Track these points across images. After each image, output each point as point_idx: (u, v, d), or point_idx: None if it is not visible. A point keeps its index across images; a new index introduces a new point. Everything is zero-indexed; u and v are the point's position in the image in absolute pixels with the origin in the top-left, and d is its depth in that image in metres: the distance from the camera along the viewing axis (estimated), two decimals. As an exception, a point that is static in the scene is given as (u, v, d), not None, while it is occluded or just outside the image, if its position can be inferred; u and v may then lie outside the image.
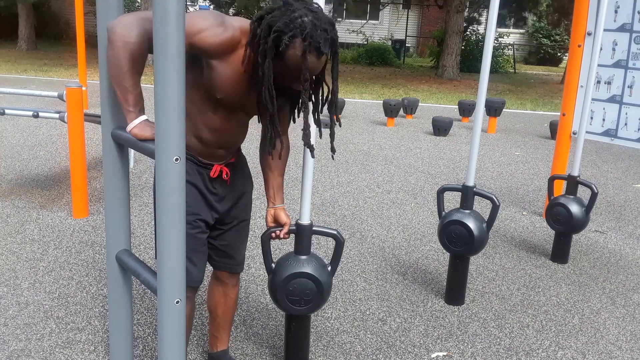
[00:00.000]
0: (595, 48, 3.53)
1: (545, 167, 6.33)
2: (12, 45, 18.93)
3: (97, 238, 3.64)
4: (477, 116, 2.84)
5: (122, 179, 1.70)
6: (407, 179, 5.54)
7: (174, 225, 1.29)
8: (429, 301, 3.06)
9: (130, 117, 1.54)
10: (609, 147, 7.52)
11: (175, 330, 1.35)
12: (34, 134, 6.57)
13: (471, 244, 2.85)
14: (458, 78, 16.31)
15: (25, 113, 4.10)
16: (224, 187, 2.03)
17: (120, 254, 1.71)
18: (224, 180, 2.02)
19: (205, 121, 1.85)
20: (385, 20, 24.96)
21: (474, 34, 20.53)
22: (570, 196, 3.61)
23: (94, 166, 5.32)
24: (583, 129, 3.64)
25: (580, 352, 2.65)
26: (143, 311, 2.78)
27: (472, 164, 2.88)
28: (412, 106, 9.11)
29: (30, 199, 4.33)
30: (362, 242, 3.84)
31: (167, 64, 1.19)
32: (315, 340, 2.61)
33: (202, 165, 1.95)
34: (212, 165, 1.96)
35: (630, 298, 3.23)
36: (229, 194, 2.05)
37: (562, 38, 23.58)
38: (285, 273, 2.08)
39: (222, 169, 1.98)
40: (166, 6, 1.16)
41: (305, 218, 2.07)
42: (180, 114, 1.23)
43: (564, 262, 3.67)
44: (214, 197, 1.99)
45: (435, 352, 2.58)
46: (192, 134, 1.89)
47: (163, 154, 1.24)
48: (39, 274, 3.12)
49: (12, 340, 2.48)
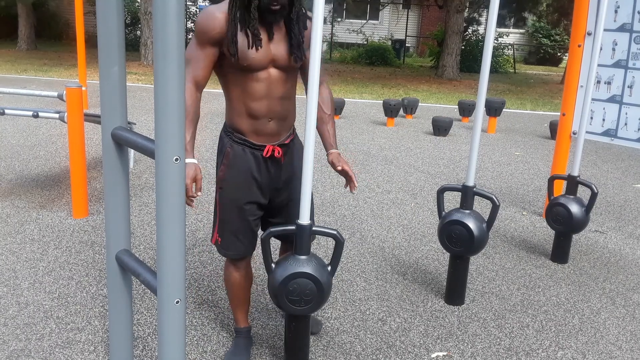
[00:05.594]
0: (595, 48, 3.53)
1: (545, 167, 6.33)
2: (12, 45, 18.93)
3: (97, 238, 3.64)
4: (477, 116, 2.84)
5: (122, 179, 1.70)
6: (407, 179, 5.54)
7: (174, 225, 1.29)
8: (429, 301, 3.06)
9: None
10: (609, 147, 7.52)
11: (175, 330, 1.35)
12: (34, 134, 6.57)
13: (471, 244, 2.85)
14: (458, 78, 16.31)
15: (25, 113, 4.10)
16: (278, 166, 2.19)
17: (120, 254, 1.71)
18: (278, 160, 2.19)
19: (250, 93, 2.05)
20: (385, 20, 24.96)
21: (474, 34, 20.53)
22: (570, 196, 3.61)
23: (94, 166, 5.32)
24: (583, 129, 3.64)
25: (580, 352, 2.65)
26: (143, 311, 2.78)
27: (472, 164, 2.88)
28: (412, 106, 9.11)
29: (30, 199, 4.33)
30: (362, 242, 3.84)
31: (167, 64, 1.19)
32: (315, 340, 2.61)
33: (255, 148, 2.14)
34: (265, 146, 2.13)
35: (630, 298, 3.23)
36: (283, 173, 2.22)
37: (562, 38, 23.58)
38: (285, 273, 2.08)
39: (275, 149, 2.15)
40: (166, 6, 1.16)
41: (305, 218, 2.07)
42: (180, 114, 1.23)
43: (564, 262, 3.67)
44: (267, 177, 2.18)
45: (435, 352, 2.58)
46: (242, 116, 2.09)
47: (163, 154, 1.24)
48: (39, 274, 3.12)
49: (12, 340, 2.48)
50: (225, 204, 2.20)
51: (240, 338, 2.48)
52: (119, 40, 1.57)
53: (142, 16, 15.46)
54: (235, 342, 2.47)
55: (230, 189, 2.17)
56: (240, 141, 2.14)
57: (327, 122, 2.25)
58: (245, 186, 2.16)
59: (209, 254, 3.51)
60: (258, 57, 1.99)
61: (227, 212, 2.20)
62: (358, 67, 18.55)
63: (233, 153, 2.16)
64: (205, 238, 3.75)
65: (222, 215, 2.21)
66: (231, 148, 2.16)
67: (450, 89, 13.84)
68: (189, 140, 1.98)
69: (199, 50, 2.02)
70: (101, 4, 1.57)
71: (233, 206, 2.18)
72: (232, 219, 2.19)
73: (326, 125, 2.24)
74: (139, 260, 1.65)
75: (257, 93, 2.05)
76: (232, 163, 2.16)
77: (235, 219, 2.18)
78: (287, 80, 2.11)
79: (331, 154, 2.21)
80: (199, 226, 3.96)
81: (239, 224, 2.19)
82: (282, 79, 2.08)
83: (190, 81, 2.02)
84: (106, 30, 1.56)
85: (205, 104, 9.44)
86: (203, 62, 2.03)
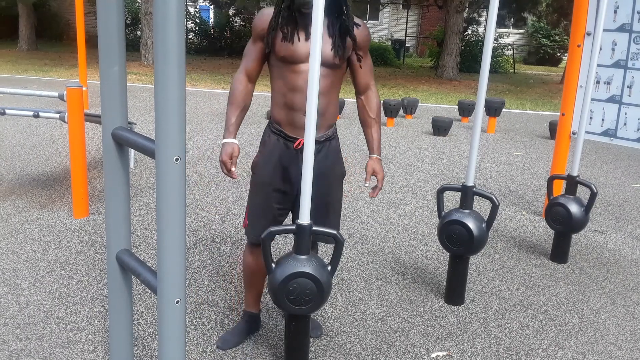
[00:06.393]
0: (595, 48, 3.54)
1: (545, 167, 6.34)
2: (12, 45, 18.94)
3: (97, 238, 3.64)
4: (477, 116, 2.84)
5: (122, 179, 1.70)
6: (407, 178, 5.54)
7: (174, 225, 1.29)
8: (428, 301, 3.06)
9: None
10: (609, 147, 7.53)
11: (175, 330, 1.35)
12: (35, 134, 6.58)
13: (471, 243, 2.86)
14: (458, 78, 16.31)
15: (25, 113, 4.10)
16: None
17: (121, 253, 1.71)
18: None
19: (288, 85, 2.18)
20: (385, 21, 24.96)
21: (474, 34, 20.53)
22: (569, 196, 3.61)
23: (94, 166, 5.32)
24: (582, 129, 3.64)
25: (580, 352, 2.65)
26: (143, 311, 2.79)
27: (472, 163, 2.88)
28: (412, 106, 9.12)
29: (31, 198, 4.33)
30: (362, 242, 3.84)
31: (167, 64, 1.20)
32: (315, 340, 2.61)
33: (288, 139, 2.26)
34: (298, 138, 2.24)
35: (629, 298, 3.23)
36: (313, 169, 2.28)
37: (561, 38, 23.58)
38: (285, 273, 2.08)
39: None
40: (166, 6, 1.17)
41: (305, 218, 2.07)
42: (180, 114, 1.23)
43: (563, 262, 3.67)
44: (296, 170, 2.27)
45: (435, 352, 2.59)
46: (280, 107, 2.24)
47: (163, 154, 1.24)
48: (39, 273, 3.12)
49: (12, 340, 2.49)
50: (254, 189, 2.36)
51: (242, 321, 2.58)
52: (119, 40, 1.58)
53: (143, 16, 15.47)
54: (236, 325, 2.59)
55: (260, 174, 2.32)
56: (276, 131, 2.29)
57: (371, 125, 2.39)
58: (275, 173, 2.29)
59: (209, 254, 3.51)
60: (294, 50, 2.14)
61: (256, 197, 2.36)
62: (358, 67, 18.52)
63: (269, 141, 2.32)
64: (205, 238, 3.75)
65: (251, 199, 2.37)
66: (268, 137, 2.33)
67: (450, 89, 13.85)
68: (232, 122, 2.25)
69: (251, 45, 2.26)
70: (101, 4, 1.58)
71: (261, 191, 2.33)
72: (259, 203, 2.35)
73: (370, 129, 2.39)
74: (139, 260, 1.65)
75: (295, 85, 2.18)
76: (267, 150, 2.32)
77: (262, 203, 2.33)
78: (327, 77, 2.21)
79: (371, 159, 2.37)
80: (199, 226, 3.96)
81: (264, 208, 2.33)
82: (321, 74, 2.17)
83: (241, 72, 2.28)
84: (106, 30, 1.57)
85: (205, 104, 9.45)
86: (254, 55, 2.26)
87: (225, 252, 3.55)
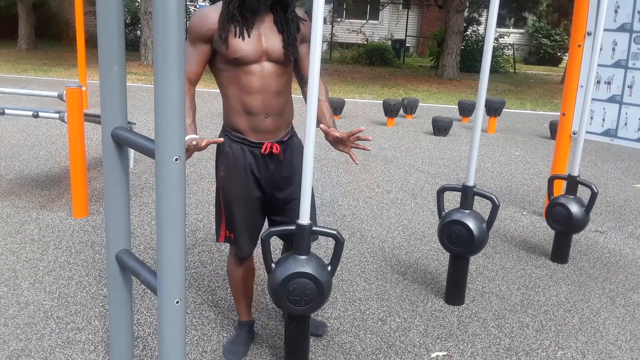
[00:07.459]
0: (595, 48, 3.53)
1: (545, 167, 6.33)
2: (12, 45, 18.93)
3: (97, 238, 3.64)
4: (477, 116, 2.84)
5: (122, 178, 1.70)
6: (407, 179, 5.54)
7: (174, 225, 1.29)
8: (428, 301, 3.06)
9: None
10: (609, 147, 7.52)
11: (175, 330, 1.35)
12: (34, 134, 6.57)
13: (471, 243, 2.85)
14: (458, 78, 16.31)
15: (25, 113, 4.10)
16: (278, 163, 2.23)
17: (120, 253, 1.71)
18: (277, 157, 2.22)
19: (245, 88, 2.09)
20: (385, 20, 24.96)
21: (474, 34, 20.53)
22: (570, 196, 3.61)
23: (94, 166, 5.32)
24: (583, 129, 3.64)
25: (580, 352, 2.65)
26: (143, 311, 2.78)
27: (472, 163, 2.88)
28: (412, 106, 9.11)
29: (30, 198, 4.33)
30: (362, 242, 3.84)
31: (167, 64, 1.19)
32: (315, 340, 2.61)
33: (253, 145, 2.18)
34: (263, 143, 2.17)
35: (630, 298, 3.23)
36: (283, 170, 2.25)
37: (562, 38, 23.58)
38: (285, 273, 2.08)
39: (273, 145, 2.18)
40: (166, 6, 1.16)
41: (304, 218, 2.07)
42: (180, 114, 1.23)
43: (563, 262, 3.67)
44: (267, 174, 2.22)
45: (435, 352, 2.58)
46: (239, 113, 2.14)
47: (163, 154, 1.24)
48: (39, 273, 3.12)
49: (12, 340, 2.49)
50: (230, 202, 2.26)
51: (242, 330, 2.53)
52: (119, 40, 1.57)
53: (142, 16, 15.46)
54: (237, 333, 2.53)
55: (232, 187, 2.23)
56: (238, 140, 2.18)
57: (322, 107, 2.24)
58: (247, 183, 2.22)
59: (208, 254, 3.51)
60: (249, 49, 2.05)
61: (234, 210, 2.26)
62: (358, 67, 18.55)
63: (232, 152, 2.20)
64: (205, 238, 3.75)
65: (228, 213, 2.27)
66: (230, 147, 2.20)
67: (450, 89, 13.84)
68: (189, 123, 2.09)
69: (190, 47, 2.12)
70: (101, 4, 1.57)
71: (239, 203, 2.25)
72: (241, 214, 2.27)
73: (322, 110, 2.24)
74: (139, 260, 1.65)
75: (252, 88, 2.09)
76: (232, 162, 2.21)
77: (243, 215, 2.26)
78: (282, 75, 2.14)
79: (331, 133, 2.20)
80: (199, 226, 3.96)
81: (248, 219, 2.28)
82: (276, 73, 2.12)
83: None
84: (106, 30, 1.56)
85: (205, 104, 9.44)
86: (195, 58, 2.12)
87: (225, 252, 3.54)
